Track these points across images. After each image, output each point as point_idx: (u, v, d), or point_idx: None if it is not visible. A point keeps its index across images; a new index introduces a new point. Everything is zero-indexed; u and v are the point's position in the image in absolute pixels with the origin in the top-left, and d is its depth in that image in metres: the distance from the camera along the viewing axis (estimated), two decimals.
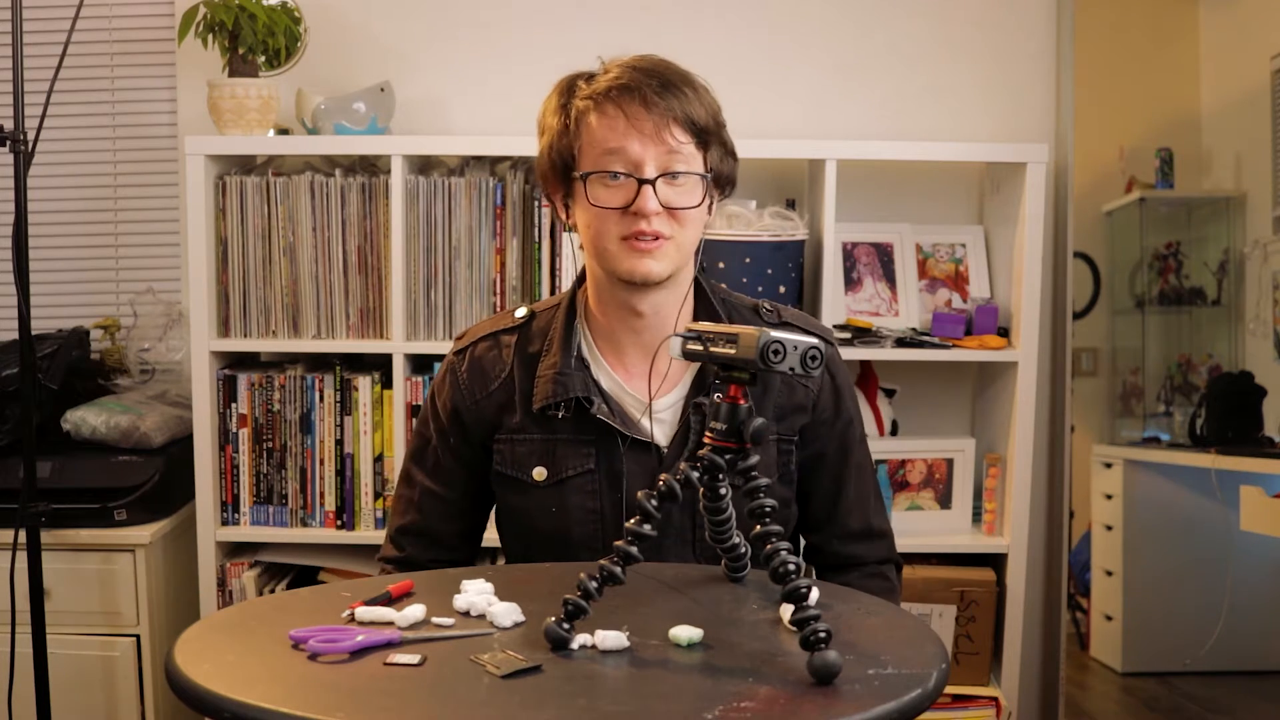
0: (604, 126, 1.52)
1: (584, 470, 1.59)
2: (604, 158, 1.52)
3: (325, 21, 2.77)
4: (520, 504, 1.63)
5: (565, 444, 1.60)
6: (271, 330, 2.55)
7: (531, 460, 1.61)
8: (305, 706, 1.01)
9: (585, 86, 1.55)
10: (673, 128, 1.52)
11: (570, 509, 1.60)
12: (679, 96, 1.53)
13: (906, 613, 1.34)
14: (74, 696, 2.44)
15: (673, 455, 1.58)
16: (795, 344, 1.16)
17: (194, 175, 2.49)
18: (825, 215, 2.47)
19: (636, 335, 1.62)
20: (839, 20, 2.79)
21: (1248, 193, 3.28)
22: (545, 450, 1.60)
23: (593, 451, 1.59)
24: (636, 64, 1.55)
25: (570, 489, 1.60)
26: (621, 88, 1.52)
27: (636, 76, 1.52)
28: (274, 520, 2.56)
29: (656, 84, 1.52)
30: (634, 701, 1.07)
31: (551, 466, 1.60)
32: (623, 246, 1.53)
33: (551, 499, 1.60)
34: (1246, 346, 3.30)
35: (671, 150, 1.52)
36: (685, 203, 1.54)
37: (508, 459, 1.63)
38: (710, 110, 1.57)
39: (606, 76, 1.55)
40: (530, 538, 1.64)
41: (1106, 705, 3.34)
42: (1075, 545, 3.32)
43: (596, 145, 1.53)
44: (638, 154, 1.51)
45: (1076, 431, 2.98)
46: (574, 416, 1.59)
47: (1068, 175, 2.74)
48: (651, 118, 1.51)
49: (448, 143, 2.62)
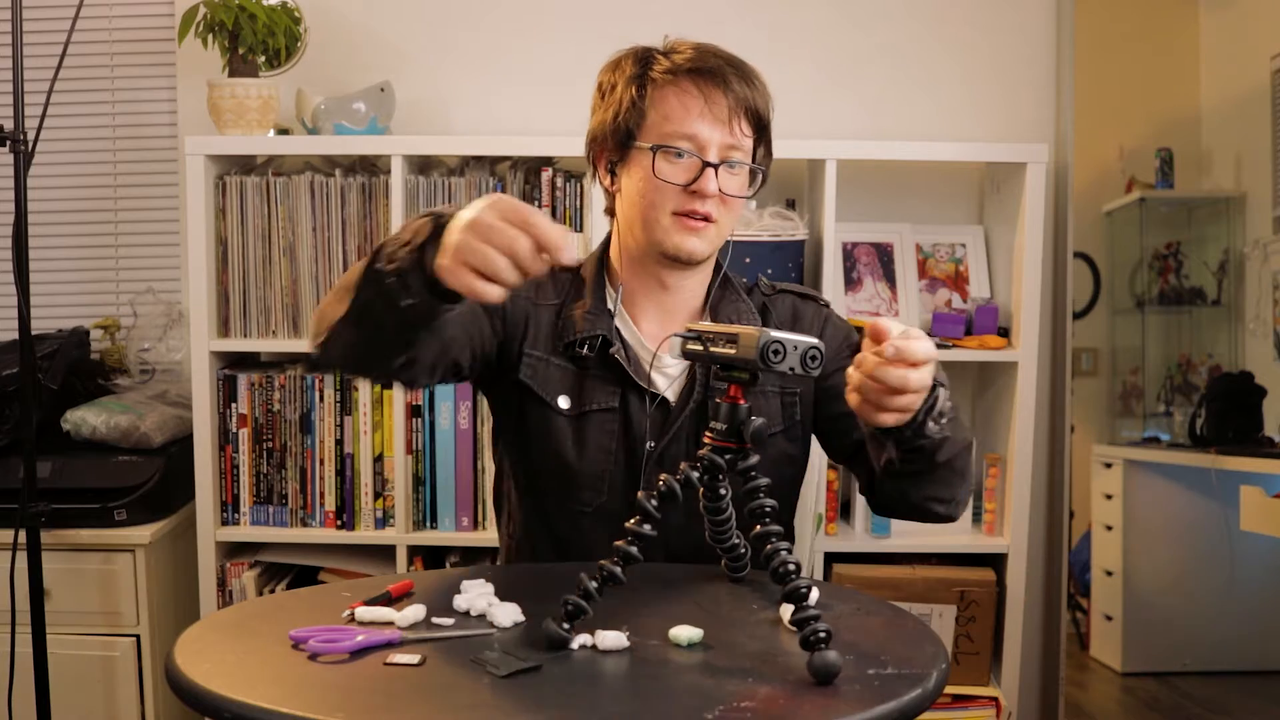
0: (681, 103, 1.56)
1: (607, 407, 1.61)
2: (674, 134, 1.56)
3: (325, 21, 2.77)
4: (539, 427, 1.63)
5: (592, 380, 1.62)
6: (271, 330, 2.55)
7: (560, 386, 1.62)
8: (305, 706, 1.01)
9: (665, 60, 1.59)
10: (742, 119, 1.58)
11: (587, 443, 1.61)
12: (752, 87, 1.59)
13: (906, 613, 1.34)
14: (74, 696, 2.44)
15: (679, 406, 1.61)
16: (795, 344, 1.17)
17: (194, 175, 2.49)
18: (825, 215, 2.47)
19: (658, 304, 1.66)
20: (839, 20, 2.79)
21: (1248, 193, 3.29)
22: (573, 381, 1.62)
23: (618, 392, 1.61)
24: (712, 48, 1.60)
25: (593, 423, 1.61)
26: (706, 69, 1.57)
27: (718, 61, 1.58)
28: (274, 520, 2.56)
29: (736, 73, 1.58)
30: (634, 701, 1.07)
31: (577, 398, 1.62)
32: (675, 221, 1.57)
33: (575, 430, 1.61)
34: (1246, 346, 3.30)
35: (736, 139, 1.57)
36: (738, 191, 1.60)
37: (538, 376, 1.63)
38: (769, 106, 1.63)
39: (685, 55, 1.59)
40: (540, 465, 1.63)
41: (1106, 705, 3.34)
42: (1075, 545, 3.33)
43: (670, 120, 1.56)
44: (707, 136, 1.56)
45: (1076, 431, 2.98)
46: (597, 357, 1.61)
47: (1068, 175, 2.75)
48: (727, 103, 1.56)
49: (448, 143, 2.62)
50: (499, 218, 1.18)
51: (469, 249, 1.18)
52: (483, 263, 1.18)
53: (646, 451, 1.60)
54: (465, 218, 1.20)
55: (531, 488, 1.65)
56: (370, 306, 1.32)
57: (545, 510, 1.63)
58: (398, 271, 1.27)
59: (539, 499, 1.64)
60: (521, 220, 1.18)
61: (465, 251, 1.19)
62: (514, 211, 1.18)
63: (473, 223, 1.19)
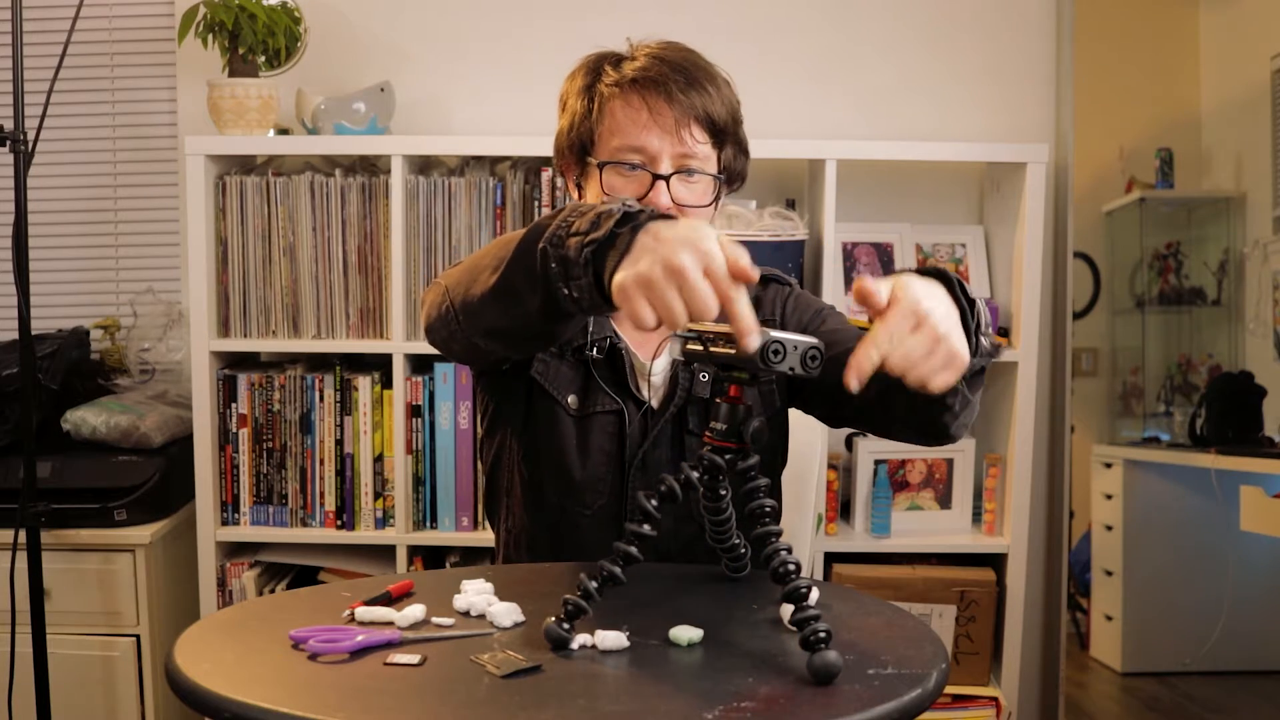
0: (626, 117, 1.54)
1: (610, 410, 1.61)
2: (622, 148, 1.54)
3: (325, 21, 2.77)
4: (547, 423, 1.62)
5: (597, 382, 1.61)
6: (271, 330, 2.55)
7: (570, 386, 1.61)
8: (305, 706, 1.01)
9: (612, 72, 1.57)
10: (692, 126, 1.54)
11: (590, 446, 1.60)
12: (702, 94, 1.54)
13: (906, 613, 1.34)
14: (74, 696, 2.44)
15: (659, 411, 1.60)
16: (795, 344, 1.16)
17: (194, 175, 2.49)
18: (825, 215, 2.47)
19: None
20: (839, 20, 2.79)
21: (1248, 193, 3.28)
22: (581, 382, 1.61)
23: (618, 395, 1.61)
24: (664, 54, 1.57)
25: (595, 425, 1.61)
26: (648, 80, 1.54)
27: (664, 69, 1.54)
28: (274, 520, 2.56)
29: (682, 79, 1.54)
30: (634, 701, 1.07)
31: (583, 399, 1.61)
32: None
33: (579, 430, 1.61)
34: (1246, 346, 3.30)
35: (688, 148, 1.54)
36: (695, 201, 1.56)
37: (549, 373, 1.62)
38: (730, 108, 1.58)
39: (633, 64, 1.56)
40: (545, 462, 1.63)
41: (1106, 705, 3.34)
42: (1075, 545, 3.33)
43: (616, 134, 1.55)
44: (655, 148, 1.54)
45: (1076, 431, 2.98)
46: (605, 360, 1.61)
47: (1068, 175, 2.75)
48: (673, 113, 1.53)
49: (448, 143, 2.62)
50: (699, 268, 1.08)
51: (657, 287, 1.09)
52: (662, 306, 1.09)
53: (632, 454, 1.60)
54: (664, 250, 1.10)
55: (534, 483, 1.65)
56: (519, 285, 1.25)
57: (546, 508, 1.63)
58: (562, 259, 1.19)
59: (540, 495, 1.64)
60: (722, 291, 1.09)
61: (651, 287, 1.10)
62: (715, 270, 1.09)
63: (669, 265, 1.09)
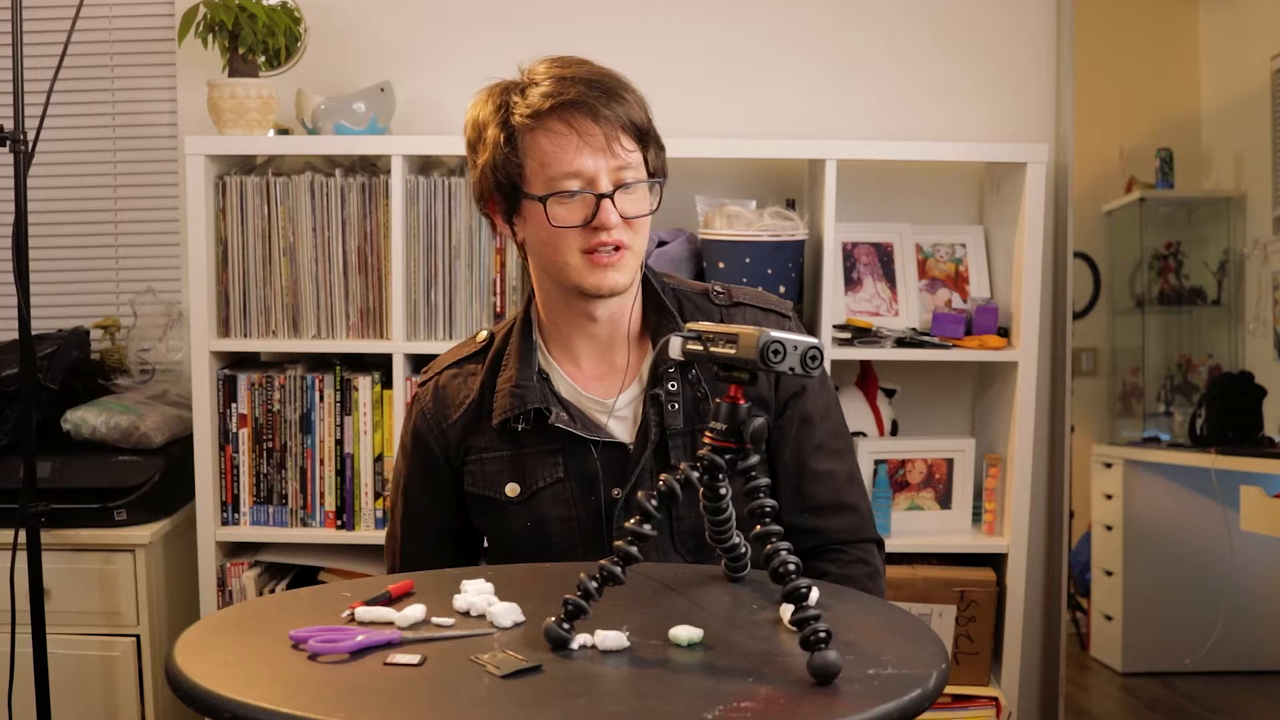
0: (554, 145, 1.49)
1: (554, 480, 1.58)
2: (558, 176, 1.50)
3: (325, 21, 2.77)
4: (497, 522, 1.62)
5: (533, 456, 1.59)
6: (271, 330, 2.55)
7: (503, 477, 1.60)
8: (305, 706, 1.01)
9: (521, 101, 1.51)
10: (621, 138, 1.50)
11: (546, 520, 1.59)
12: (621, 102, 1.51)
13: (906, 613, 1.34)
14: (74, 696, 2.44)
15: (637, 450, 1.57)
16: (795, 344, 1.16)
17: (194, 175, 2.49)
18: (825, 215, 2.47)
19: (591, 338, 1.61)
20: (839, 20, 2.79)
21: (1248, 193, 3.28)
22: (515, 465, 1.59)
23: (560, 460, 1.58)
24: (568, 72, 1.51)
25: (544, 500, 1.59)
26: (566, 102, 1.49)
27: (578, 88, 1.49)
28: (274, 520, 2.56)
29: (600, 94, 1.50)
30: (634, 701, 1.07)
31: (523, 481, 1.59)
32: (585, 261, 1.51)
33: (526, 513, 1.59)
34: (1246, 346, 3.30)
35: (622, 160, 1.51)
36: (640, 210, 1.54)
37: (479, 478, 1.62)
38: (644, 107, 1.55)
39: (541, 89, 1.50)
40: (510, 552, 1.63)
41: (1106, 705, 3.34)
42: (1075, 545, 3.32)
43: (549, 165, 1.50)
44: (591, 169, 1.50)
45: (1076, 431, 2.98)
46: (535, 428, 1.58)
47: (1068, 175, 2.74)
48: (601, 130, 1.49)
49: (448, 143, 2.61)
50: None
51: None
52: None
53: (611, 498, 1.57)
54: None
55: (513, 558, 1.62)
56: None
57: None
58: None
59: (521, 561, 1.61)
60: None
61: None
62: None
63: None
